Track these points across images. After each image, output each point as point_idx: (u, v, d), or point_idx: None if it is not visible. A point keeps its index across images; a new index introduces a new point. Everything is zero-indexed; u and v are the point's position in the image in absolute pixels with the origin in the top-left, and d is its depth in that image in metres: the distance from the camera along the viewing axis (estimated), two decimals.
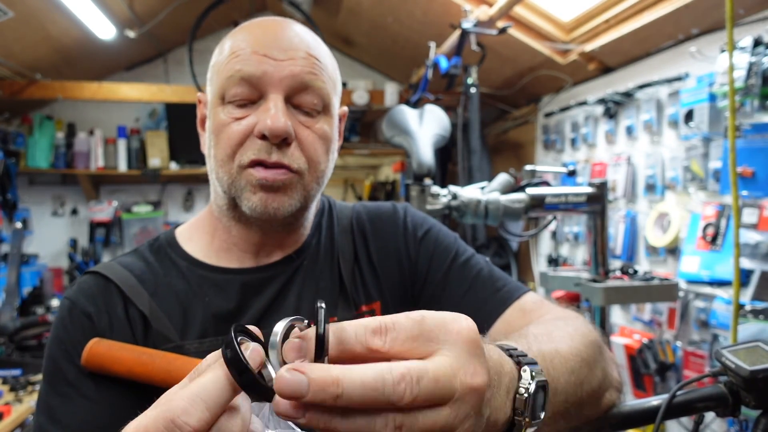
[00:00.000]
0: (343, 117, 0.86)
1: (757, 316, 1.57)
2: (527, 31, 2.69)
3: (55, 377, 0.71)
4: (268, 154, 0.72)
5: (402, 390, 0.34)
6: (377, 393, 0.34)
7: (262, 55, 0.72)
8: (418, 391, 0.35)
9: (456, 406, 0.37)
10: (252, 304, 0.79)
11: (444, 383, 0.36)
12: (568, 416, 0.56)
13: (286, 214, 0.75)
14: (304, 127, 0.75)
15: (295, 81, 0.73)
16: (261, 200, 0.73)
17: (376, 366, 0.35)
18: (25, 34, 2.89)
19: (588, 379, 0.60)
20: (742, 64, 1.64)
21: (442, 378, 0.36)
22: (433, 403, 0.36)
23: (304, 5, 3.42)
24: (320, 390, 0.34)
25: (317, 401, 0.34)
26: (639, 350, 2.16)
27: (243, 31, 0.77)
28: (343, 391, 0.34)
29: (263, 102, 0.73)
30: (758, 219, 1.70)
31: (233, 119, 0.73)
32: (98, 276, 0.77)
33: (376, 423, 0.35)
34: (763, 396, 0.65)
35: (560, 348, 0.60)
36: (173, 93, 3.57)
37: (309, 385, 0.34)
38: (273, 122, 0.70)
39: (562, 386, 0.55)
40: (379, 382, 0.34)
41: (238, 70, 0.72)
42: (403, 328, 0.38)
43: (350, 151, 4.28)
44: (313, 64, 0.74)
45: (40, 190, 3.93)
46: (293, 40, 0.74)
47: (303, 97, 0.74)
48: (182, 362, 0.70)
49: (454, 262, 0.86)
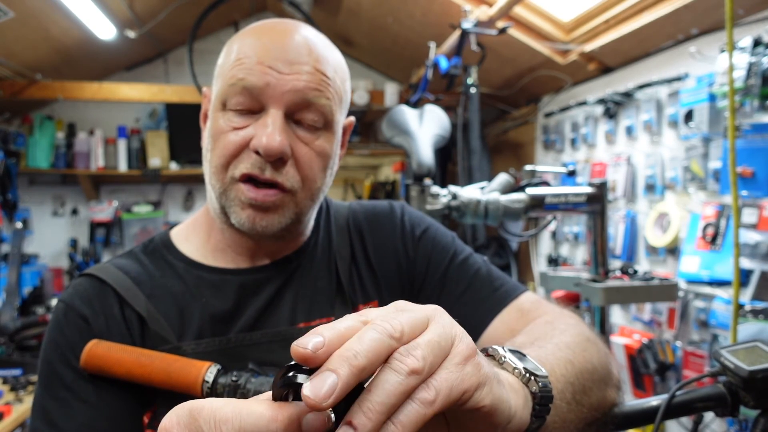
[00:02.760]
0: (349, 127, 0.85)
1: (756, 316, 1.57)
2: (527, 31, 2.69)
3: (51, 381, 0.71)
4: (261, 170, 0.71)
5: (390, 326, 0.37)
6: (379, 335, 0.36)
7: (267, 66, 0.70)
8: (400, 321, 0.37)
9: (434, 321, 0.39)
10: (249, 305, 0.78)
11: (413, 312, 0.39)
12: (574, 410, 0.56)
13: (275, 231, 0.74)
14: (302, 143, 0.73)
15: (297, 96, 0.71)
16: (249, 218, 0.72)
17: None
18: (25, 34, 2.89)
19: (585, 369, 0.60)
20: (742, 65, 1.64)
21: (410, 310, 0.39)
22: (419, 330, 0.38)
23: (304, 5, 3.43)
24: (341, 363, 0.34)
25: (346, 376, 0.34)
26: (639, 350, 2.16)
27: (251, 35, 0.75)
28: (356, 351, 0.35)
29: (263, 115, 0.71)
30: (758, 219, 1.70)
31: (232, 128, 0.72)
32: (93, 278, 0.77)
33: (393, 367, 0.36)
34: (761, 396, 0.66)
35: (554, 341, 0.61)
36: (173, 93, 3.57)
37: (331, 371, 0.34)
38: (268, 141, 0.69)
39: (559, 371, 0.56)
40: (377, 330, 0.36)
41: (240, 79, 0.71)
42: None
43: (350, 151, 4.28)
44: (320, 80, 0.72)
45: (41, 190, 3.93)
46: (301, 52, 0.72)
47: (304, 114, 0.72)
48: (181, 363, 0.70)
49: (452, 261, 0.86)
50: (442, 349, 0.38)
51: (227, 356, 0.73)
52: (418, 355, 0.36)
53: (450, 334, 0.39)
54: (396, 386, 0.34)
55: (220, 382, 0.68)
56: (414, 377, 0.35)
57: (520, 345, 0.63)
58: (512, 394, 0.44)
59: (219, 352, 0.74)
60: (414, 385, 0.35)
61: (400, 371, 0.35)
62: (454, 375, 0.37)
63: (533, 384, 0.48)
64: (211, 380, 0.68)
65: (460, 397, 0.37)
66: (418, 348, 0.36)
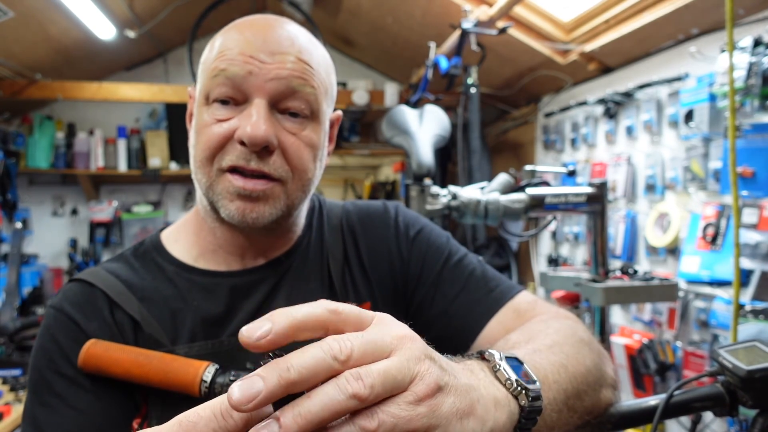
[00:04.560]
0: (337, 121, 0.84)
1: (757, 316, 1.57)
2: (527, 31, 2.69)
3: (40, 388, 0.70)
4: (246, 161, 0.70)
5: (339, 347, 0.36)
6: (322, 354, 0.36)
7: (249, 56, 0.70)
8: (351, 345, 0.37)
9: (398, 353, 0.39)
10: (241, 308, 0.78)
11: (375, 338, 0.38)
12: (565, 416, 0.56)
13: (266, 223, 0.73)
14: (289, 133, 0.72)
15: (281, 85, 0.70)
16: (238, 209, 0.71)
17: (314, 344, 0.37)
18: (25, 34, 2.89)
19: (579, 372, 0.60)
20: (742, 64, 1.64)
21: (371, 336, 0.38)
22: (374, 357, 0.38)
23: (304, 5, 3.42)
24: (271, 372, 0.34)
25: (272, 386, 0.34)
26: (639, 350, 2.16)
27: (234, 29, 0.75)
28: (290, 364, 0.35)
29: (247, 106, 0.70)
30: (758, 219, 1.70)
31: (215, 120, 0.71)
32: (83, 283, 0.76)
33: (338, 384, 0.35)
34: (760, 395, 0.66)
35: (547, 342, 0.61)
36: (173, 93, 3.57)
37: (260, 377, 0.34)
38: (253, 130, 0.67)
39: (552, 377, 0.56)
40: (323, 349, 0.36)
41: (222, 70, 0.70)
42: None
43: (350, 151, 4.27)
44: (303, 69, 0.71)
45: (40, 190, 3.93)
46: (283, 43, 0.71)
47: (289, 102, 0.71)
48: (179, 363, 0.69)
49: (447, 262, 0.85)
50: (396, 383, 0.37)
51: (220, 359, 0.72)
52: (366, 383, 0.36)
53: (411, 371, 0.38)
54: (334, 403, 0.35)
55: (218, 381, 0.68)
56: (354, 401, 0.35)
57: (515, 343, 0.63)
58: (492, 413, 0.44)
59: (212, 356, 0.73)
60: (352, 407, 0.35)
61: (343, 391, 0.35)
62: (404, 413, 0.37)
63: (523, 398, 0.48)
64: (209, 380, 0.68)
65: None
66: (369, 376, 0.36)
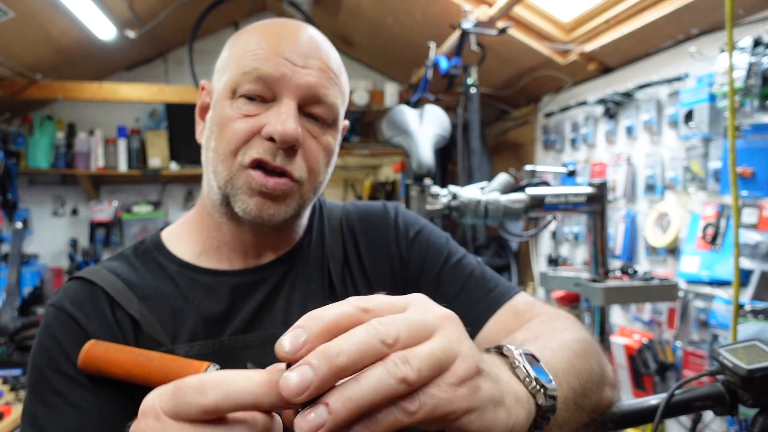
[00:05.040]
0: (344, 130, 0.85)
1: (756, 316, 1.57)
2: (527, 31, 2.69)
3: (40, 386, 0.70)
4: (272, 156, 0.71)
5: (385, 330, 0.36)
6: (370, 338, 0.35)
7: (283, 58, 0.72)
8: (397, 328, 0.37)
9: (441, 333, 0.39)
10: (242, 307, 0.78)
11: (418, 319, 0.38)
12: (574, 414, 0.56)
13: (279, 221, 0.74)
14: (311, 137, 0.75)
15: (309, 91, 0.73)
16: (257, 205, 0.72)
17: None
18: (25, 34, 2.89)
19: (585, 371, 0.60)
20: (742, 65, 1.64)
21: (414, 317, 0.39)
22: (419, 338, 0.38)
23: (304, 5, 3.43)
24: (321, 360, 0.34)
25: (323, 374, 0.34)
26: (639, 350, 2.16)
27: (260, 30, 0.76)
28: (340, 350, 0.34)
29: (276, 104, 0.72)
30: (758, 219, 1.70)
31: (241, 115, 0.72)
32: (83, 281, 0.76)
33: (387, 368, 0.35)
34: (760, 394, 0.66)
35: (556, 342, 0.61)
36: (173, 93, 3.57)
37: (310, 366, 0.34)
38: (284, 127, 0.69)
39: (564, 376, 0.55)
40: (369, 333, 0.36)
41: (256, 68, 0.71)
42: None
43: (350, 151, 4.28)
44: (329, 78, 0.75)
45: (41, 190, 3.93)
46: (311, 47, 0.74)
47: (314, 108, 0.74)
48: (180, 364, 0.69)
49: (447, 262, 0.85)
50: (441, 364, 0.37)
51: (220, 359, 0.72)
52: (415, 366, 0.35)
53: (453, 351, 0.38)
54: (383, 387, 0.34)
55: None
56: (404, 386, 0.35)
57: (522, 342, 0.63)
58: (515, 409, 0.44)
59: (212, 355, 0.73)
60: (401, 392, 0.35)
61: (394, 375, 0.35)
62: (444, 394, 0.37)
63: (541, 397, 0.47)
64: None
65: (444, 417, 0.37)
66: (417, 358, 0.36)
